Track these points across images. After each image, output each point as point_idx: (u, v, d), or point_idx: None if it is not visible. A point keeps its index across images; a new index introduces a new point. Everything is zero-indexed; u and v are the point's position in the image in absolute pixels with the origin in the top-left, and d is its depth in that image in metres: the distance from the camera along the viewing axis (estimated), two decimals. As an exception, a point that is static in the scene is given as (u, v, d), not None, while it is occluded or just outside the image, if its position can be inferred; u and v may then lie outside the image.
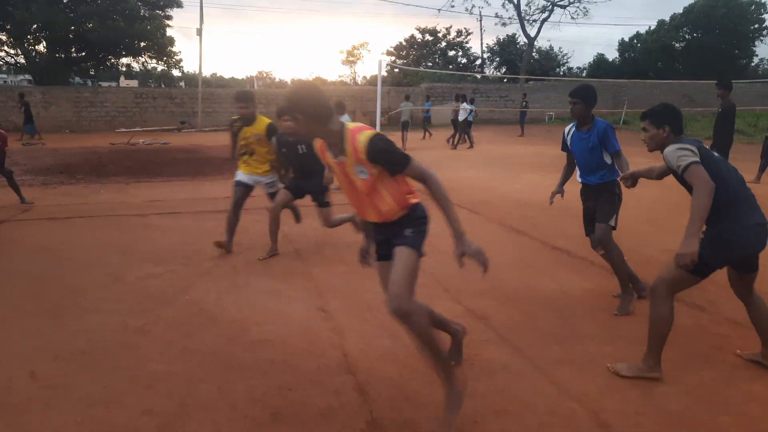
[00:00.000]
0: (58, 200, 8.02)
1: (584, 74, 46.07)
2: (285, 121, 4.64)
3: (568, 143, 4.17)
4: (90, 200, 8.06)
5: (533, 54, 42.68)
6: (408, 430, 2.48)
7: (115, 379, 2.91)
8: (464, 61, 45.31)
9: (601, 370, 3.02)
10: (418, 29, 43.92)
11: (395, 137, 6.39)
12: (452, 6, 41.42)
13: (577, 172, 4.22)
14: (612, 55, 53.92)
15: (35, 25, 24.47)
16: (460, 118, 16.89)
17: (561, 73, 46.04)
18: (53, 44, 26.29)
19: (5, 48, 27.30)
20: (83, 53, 27.89)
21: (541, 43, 49.45)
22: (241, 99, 5.10)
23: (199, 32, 23.70)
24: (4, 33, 26.01)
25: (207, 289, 4.32)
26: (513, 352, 3.26)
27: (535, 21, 39.03)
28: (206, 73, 29.67)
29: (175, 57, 30.42)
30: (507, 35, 45.01)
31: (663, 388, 2.83)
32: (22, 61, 27.52)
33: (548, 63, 46.20)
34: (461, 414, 2.48)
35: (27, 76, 32.32)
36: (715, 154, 2.85)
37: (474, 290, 4.27)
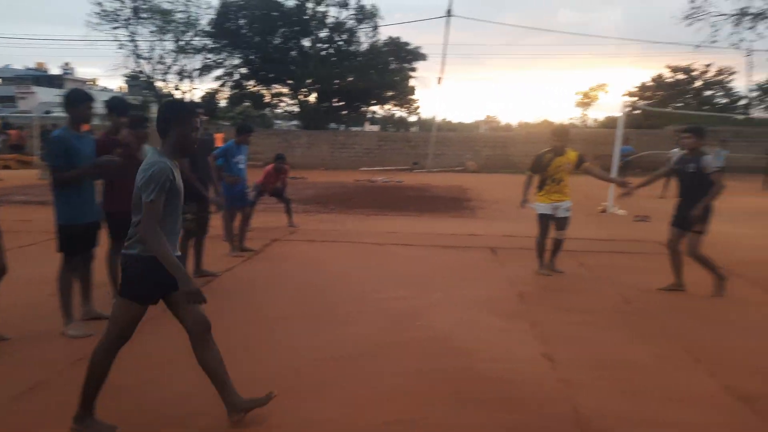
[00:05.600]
0: (315, 226, 9.42)
1: None
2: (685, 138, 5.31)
3: None
4: (339, 227, 9.28)
5: (824, 91, 34.92)
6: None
7: (365, 386, 3.30)
8: (725, 101, 39.44)
9: None
10: (668, 68, 40.00)
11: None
12: (713, 41, 36.41)
13: None
14: None
15: (309, 80, 29.53)
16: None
17: None
18: (321, 95, 31.33)
19: (286, 99, 33.54)
20: (342, 102, 32.56)
21: (836, 77, 40.12)
22: (557, 133, 6.08)
23: (440, 81, 25.65)
24: (286, 86, 32.02)
25: (439, 318, 4.57)
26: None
27: (827, 51, 31.95)
28: (438, 118, 32.03)
29: (415, 104, 33.41)
30: (786, 70, 37.75)
31: None
32: (297, 109, 33.40)
33: None
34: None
35: (294, 122, 38.99)
36: None
37: (740, 366, 3.65)
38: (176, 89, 32.60)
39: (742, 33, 35.64)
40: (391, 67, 30.60)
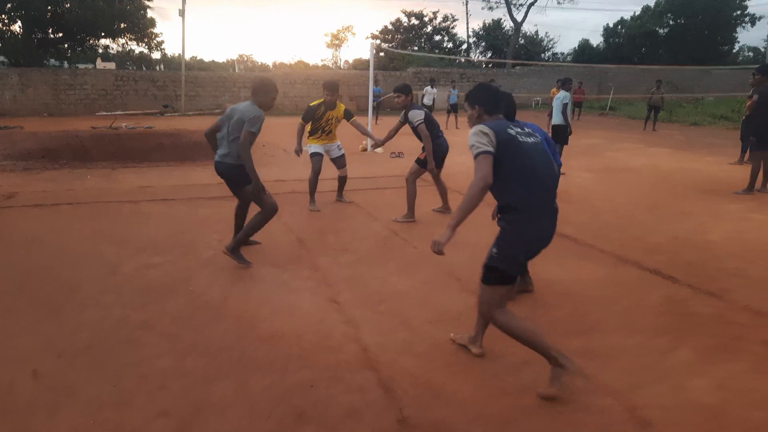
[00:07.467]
0: (43, 186, 7.71)
1: (569, 59, 46.13)
2: (397, 99, 5.85)
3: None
4: (76, 186, 7.76)
5: (519, 39, 42.52)
6: (441, 429, 2.38)
7: (123, 377, 2.76)
8: (450, 45, 45.03)
9: (626, 364, 2.95)
10: (404, 12, 43.48)
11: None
12: (439, -11, 40.90)
13: None
14: (597, 40, 54.06)
15: (9, 5, 23.53)
16: (427, 102, 17.32)
17: (547, 59, 46.04)
18: (29, 25, 25.33)
19: (-23, 28, 26.24)
20: (60, 34, 26.95)
21: (528, 28, 49.20)
22: (329, 88, 6.12)
23: (182, 13, 23.03)
24: (-25, 12, 24.98)
25: (210, 281, 4.15)
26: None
27: (521, 5, 38.84)
28: (186, 56, 29.03)
29: (156, 39, 29.62)
30: (493, 20, 44.81)
31: (693, 382, 2.77)
32: (-3, 42, 26.52)
33: (534, 48, 46.11)
34: (488, 415, 2.39)
35: (1, 58, 31.24)
36: (531, 140, 2.76)
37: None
38: None
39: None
40: (121, -7, 26.30)
